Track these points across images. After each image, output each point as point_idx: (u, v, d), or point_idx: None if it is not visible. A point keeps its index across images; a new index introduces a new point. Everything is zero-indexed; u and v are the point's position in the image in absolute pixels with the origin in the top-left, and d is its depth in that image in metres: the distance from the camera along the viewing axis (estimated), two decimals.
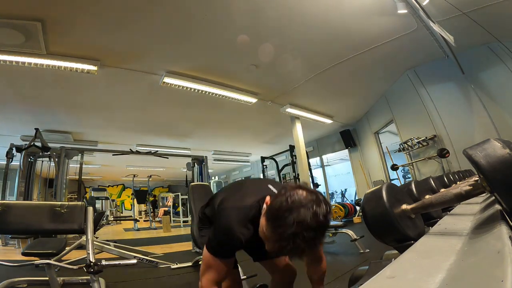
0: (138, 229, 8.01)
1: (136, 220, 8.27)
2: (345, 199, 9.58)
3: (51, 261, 1.79)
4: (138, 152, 5.79)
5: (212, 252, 0.93)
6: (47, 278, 1.93)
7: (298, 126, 5.97)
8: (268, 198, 0.83)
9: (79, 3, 2.57)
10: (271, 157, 7.56)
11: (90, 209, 1.75)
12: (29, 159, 4.42)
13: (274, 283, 1.30)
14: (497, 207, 0.63)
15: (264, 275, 1.24)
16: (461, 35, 3.30)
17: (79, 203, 1.74)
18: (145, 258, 3.17)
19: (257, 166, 10.30)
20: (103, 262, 1.56)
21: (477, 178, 0.57)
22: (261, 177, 8.11)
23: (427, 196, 0.89)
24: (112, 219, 7.08)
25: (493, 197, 0.66)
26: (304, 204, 0.71)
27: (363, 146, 7.26)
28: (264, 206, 0.83)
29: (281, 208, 0.72)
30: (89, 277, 1.56)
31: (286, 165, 7.15)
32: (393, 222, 0.62)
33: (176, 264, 3.13)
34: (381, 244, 0.68)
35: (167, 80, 4.01)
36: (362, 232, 3.30)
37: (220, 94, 4.54)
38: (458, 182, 1.79)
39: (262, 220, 0.81)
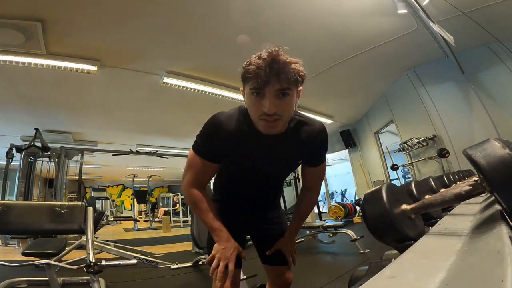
0: (138, 229, 8.02)
1: (136, 220, 8.28)
2: (345, 199, 9.57)
3: (51, 261, 1.79)
4: (138, 152, 5.81)
5: (194, 147, 0.95)
6: (47, 278, 1.93)
7: None
8: None
9: (79, 3, 2.57)
10: None
11: (90, 209, 1.75)
12: (29, 159, 4.42)
13: None
14: (497, 207, 0.63)
15: (265, 275, 1.23)
16: (461, 35, 3.30)
17: (79, 203, 1.74)
18: (145, 258, 3.17)
19: None
20: (103, 262, 1.56)
21: (477, 178, 0.57)
22: None
23: (427, 196, 0.89)
24: (112, 219, 7.08)
25: (493, 197, 0.66)
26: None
27: (363, 146, 7.26)
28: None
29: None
30: (89, 277, 1.56)
31: None
32: (393, 222, 0.62)
33: (176, 264, 3.13)
34: (381, 244, 0.68)
35: (167, 80, 4.01)
36: (362, 232, 3.30)
37: (220, 94, 4.54)
38: (458, 182, 1.79)
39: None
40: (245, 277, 1.86)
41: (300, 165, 1.05)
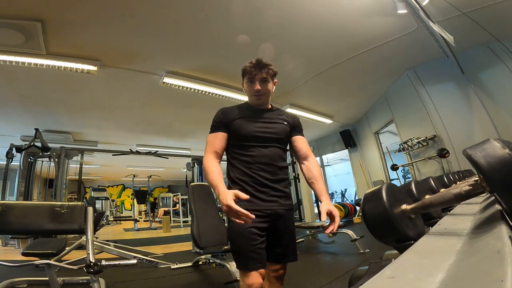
0: (138, 229, 8.02)
1: (136, 220, 8.27)
2: (345, 199, 9.58)
3: (51, 261, 1.79)
4: (138, 152, 5.80)
5: (210, 132, 1.32)
6: (47, 278, 1.93)
7: None
8: None
9: (79, 3, 2.58)
10: None
11: (90, 209, 1.75)
12: (29, 159, 4.42)
13: None
14: (497, 207, 0.63)
15: None
16: (461, 35, 3.30)
17: (79, 203, 1.74)
18: (145, 258, 3.17)
19: None
20: (103, 262, 1.56)
21: (477, 178, 0.57)
22: None
23: (427, 196, 0.89)
24: (112, 219, 7.08)
25: (493, 197, 0.66)
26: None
27: (363, 146, 7.26)
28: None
29: None
30: (89, 277, 1.57)
31: None
32: (393, 222, 0.62)
33: (176, 264, 3.14)
34: (381, 244, 0.68)
35: (167, 80, 4.01)
36: (362, 232, 3.30)
37: (220, 94, 4.54)
38: (458, 182, 1.79)
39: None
40: None
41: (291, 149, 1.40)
